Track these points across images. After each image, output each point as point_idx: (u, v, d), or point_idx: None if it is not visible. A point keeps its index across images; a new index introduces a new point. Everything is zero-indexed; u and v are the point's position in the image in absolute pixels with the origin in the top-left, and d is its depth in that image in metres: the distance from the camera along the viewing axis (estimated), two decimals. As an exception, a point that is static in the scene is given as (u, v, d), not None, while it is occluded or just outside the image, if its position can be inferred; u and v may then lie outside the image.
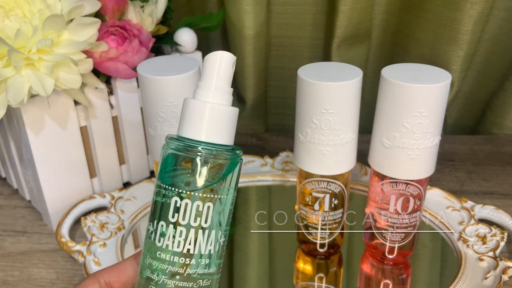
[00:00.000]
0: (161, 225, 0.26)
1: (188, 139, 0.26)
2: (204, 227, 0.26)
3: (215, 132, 0.26)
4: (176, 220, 0.26)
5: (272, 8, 0.67)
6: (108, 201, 0.52)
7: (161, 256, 0.26)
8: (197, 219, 0.26)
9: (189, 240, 0.26)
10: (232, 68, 0.27)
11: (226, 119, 0.27)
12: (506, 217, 0.48)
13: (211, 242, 0.27)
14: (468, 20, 0.57)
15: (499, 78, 0.67)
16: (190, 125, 0.26)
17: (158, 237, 0.26)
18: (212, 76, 0.26)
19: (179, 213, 0.26)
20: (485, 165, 0.61)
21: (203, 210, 0.26)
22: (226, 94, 0.27)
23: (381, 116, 0.38)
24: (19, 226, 0.52)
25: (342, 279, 0.45)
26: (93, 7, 0.44)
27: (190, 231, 0.26)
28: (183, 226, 0.26)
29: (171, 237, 0.26)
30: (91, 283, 0.28)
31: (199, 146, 0.26)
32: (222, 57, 0.26)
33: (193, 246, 0.26)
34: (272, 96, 0.76)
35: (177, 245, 0.26)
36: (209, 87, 0.26)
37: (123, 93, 0.51)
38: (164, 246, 0.26)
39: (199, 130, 0.26)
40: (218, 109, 0.26)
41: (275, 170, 0.58)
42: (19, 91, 0.40)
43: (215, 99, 0.26)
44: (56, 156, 0.48)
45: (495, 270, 0.42)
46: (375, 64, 0.70)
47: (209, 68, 0.27)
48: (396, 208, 0.41)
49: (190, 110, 0.26)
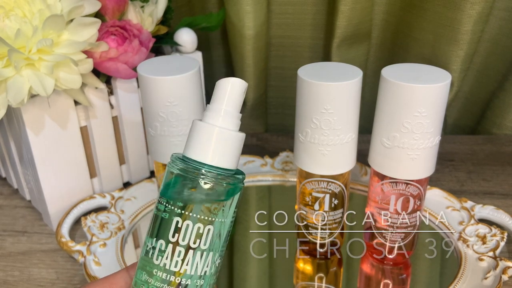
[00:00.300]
0: (161, 244, 0.26)
1: (193, 161, 0.26)
2: (203, 249, 0.27)
3: (220, 156, 0.27)
4: (176, 240, 0.26)
5: (272, 8, 0.67)
6: (108, 201, 0.52)
7: (157, 274, 0.26)
8: (196, 241, 0.26)
9: (187, 260, 0.26)
10: (242, 95, 0.27)
11: (232, 144, 0.27)
12: (506, 217, 0.48)
13: (207, 263, 0.27)
14: (468, 20, 0.57)
15: (499, 78, 0.67)
16: (196, 147, 0.27)
17: (156, 255, 0.27)
18: (223, 101, 0.27)
19: (180, 234, 0.26)
20: (485, 165, 0.61)
21: (203, 232, 0.26)
22: (235, 119, 0.27)
23: (381, 116, 0.38)
24: (19, 226, 0.52)
25: (342, 279, 0.45)
26: (93, 7, 0.44)
27: (189, 252, 0.26)
28: (182, 247, 0.26)
29: (170, 256, 0.26)
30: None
31: (203, 168, 0.26)
32: (234, 83, 0.27)
33: (190, 266, 0.26)
34: (272, 96, 0.76)
35: (175, 264, 0.26)
36: (219, 111, 0.27)
37: (123, 93, 0.51)
38: (161, 264, 0.26)
39: (204, 153, 0.26)
40: (225, 134, 0.27)
41: (275, 170, 0.58)
42: (19, 91, 0.40)
43: (224, 123, 0.27)
44: (56, 156, 0.48)
45: (495, 270, 0.42)
46: (375, 64, 0.70)
47: (220, 93, 0.27)
48: (396, 208, 0.41)
49: (197, 132, 0.27)
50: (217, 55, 0.75)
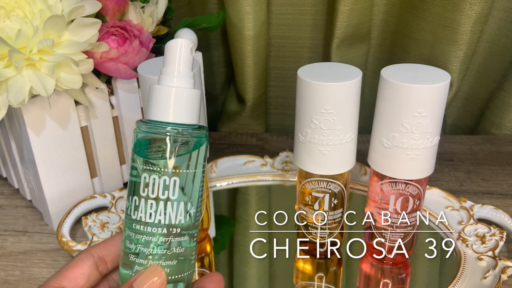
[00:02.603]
0: (135, 200, 0.29)
1: (157, 122, 0.29)
2: (173, 199, 0.29)
3: (181, 113, 0.29)
4: (146, 194, 0.29)
5: (272, 9, 0.67)
6: (108, 200, 0.52)
7: (136, 228, 0.29)
8: (165, 192, 0.29)
9: (159, 211, 0.29)
10: (192, 54, 0.29)
11: (190, 101, 0.29)
12: (505, 217, 0.48)
13: (180, 212, 0.29)
14: (467, 20, 0.58)
15: (498, 78, 0.67)
16: (158, 109, 0.29)
17: (133, 210, 0.29)
18: (174, 63, 0.29)
19: (148, 188, 0.29)
20: (484, 165, 0.61)
21: (169, 184, 0.29)
22: (188, 78, 0.29)
23: (381, 116, 0.38)
24: (20, 225, 0.52)
25: (342, 279, 0.45)
26: (94, 8, 0.44)
27: (160, 204, 0.29)
28: (153, 199, 0.29)
29: (143, 209, 0.29)
30: (85, 257, 0.30)
31: (168, 126, 0.28)
32: (181, 44, 0.29)
33: (163, 216, 0.29)
34: (272, 96, 0.76)
35: (149, 216, 0.29)
36: (172, 72, 0.29)
37: (123, 93, 0.51)
38: (138, 218, 0.29)
39: (166, 113, 0.29)
40: (181, 92, 0.29)
41: (275, 170, 0.58)
42: (20, 91, 0.40)
43: (179, 83, 0.29)
44: (57, 156, 0.48)
45: (494, 270, 0.42)
46: (375, 64, 0.70)
47: (171, 55, 0.29)
48: (396, 208, 0.41)
49: (156, 95, 0.29)
50: (217, 55, 0.75)
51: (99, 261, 0.31)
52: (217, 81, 0.78)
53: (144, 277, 0.28)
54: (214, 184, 0.56)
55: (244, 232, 0.51)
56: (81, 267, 0.30)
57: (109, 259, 0.31)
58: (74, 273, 0.30)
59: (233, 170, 0.58)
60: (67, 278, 0.29)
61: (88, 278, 0.30)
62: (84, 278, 0.30)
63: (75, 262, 0.30)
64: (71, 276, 0.29)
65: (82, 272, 0.30)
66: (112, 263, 0.32)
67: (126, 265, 0.29)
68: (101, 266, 0.31)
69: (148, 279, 0.28)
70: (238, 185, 0.57)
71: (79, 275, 0.30)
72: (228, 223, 0.53)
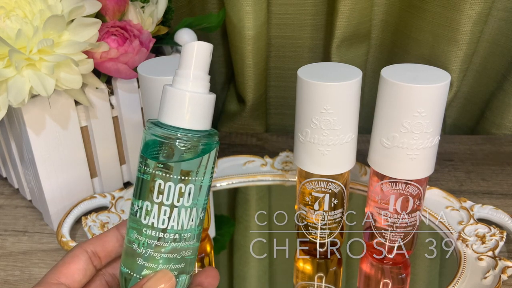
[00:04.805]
0: (147, 205, 0.29)
1: (168, 125, 0.28)
2: (187, 206, 0.29)
3: (194, 119, 0.28)
4: (160, 201, 0.28)
5: (272, 9, 0.67)
6: (108, 201, 0.52)
7: (147, 232, 0.29)
8: (180, 199, 0.28)
9: (173, 218, 0.29)
10: (209, 57, 0.29)
11: (204, 106, 0.29)
12: (505, 217, 0.48)
13: (192, 218, 0.29)
14: (467, 20, 0.58)
15: (498, 78, 0.67)
16: (170, 112, 0.28)
17: (144, 215, 0.29)
18: (190, 65, 0.28)
19: (163, 195, 0.28)
20: (484, 165, 0.61)
21: (185, 191, 0.28)
22: (204, 81, 0.29)
23: (381, 116, 0.38)
24: (20, 225, 0.52)
25: (342, 279, 0.45)
26: (94, 8, 0.44)
27: (174, 210, 0.29)
28: (167, 206, 0.28)
29: (156, 216, 0.28)
30: (79, 252, 0.31)
31: (178, 132, 0.28)
32: (199, 46, 0.28)
33: (176, 223, 0.29)
34: (272, 96, 0.76)
35: (162, 222, 0.29)
36: (188, 75, 0.28)
37: (123, 93, 0.51)
38: (149, 223, 0.29)
39: (179, 118, 0.28)
40: (196, 98, 0.28)
41: (275, 170, 0.58)
42: (20, 91, 0.40)
43: (194, 87, 0.28)
44: (56, 156, 0.48)
45: (494, 270, 0.42)
46: (375, 64, 0.70)
47: (187, 57, 0.28)
48: (396, 208, 0.41)
49: (169, 98, 0.28)
50: (217, 55, 0.75)
51: (92, 256, 0.31)
52: (217, 81, 0.78)
53: (154, 281, 0.28)
54: (214, 184, 0.56)
55: (244, 232, 0.51)
56: (77, 263, 0.30)
57: (103, 255, 0.32)
58: (71, 269, 0.30)
59: (233, 170, 0.58)
60: (64, 274, 0.30)
61: (85, 273, 0.30)
62: (80, 273, 0.30)
63: (71, 258, 0.30)
64: (68, 272, 0.30)
65: (79, 267, 0.30)
66: (105, 258, 0.32)
67: (133, 268, 0.29)
68: (95, 261, 0.31)
69: (158, 284, 0.28)
70: (238, 185, 0.57)
71: (75, 270, 0.30)
72: (228, 223, 0.53)
